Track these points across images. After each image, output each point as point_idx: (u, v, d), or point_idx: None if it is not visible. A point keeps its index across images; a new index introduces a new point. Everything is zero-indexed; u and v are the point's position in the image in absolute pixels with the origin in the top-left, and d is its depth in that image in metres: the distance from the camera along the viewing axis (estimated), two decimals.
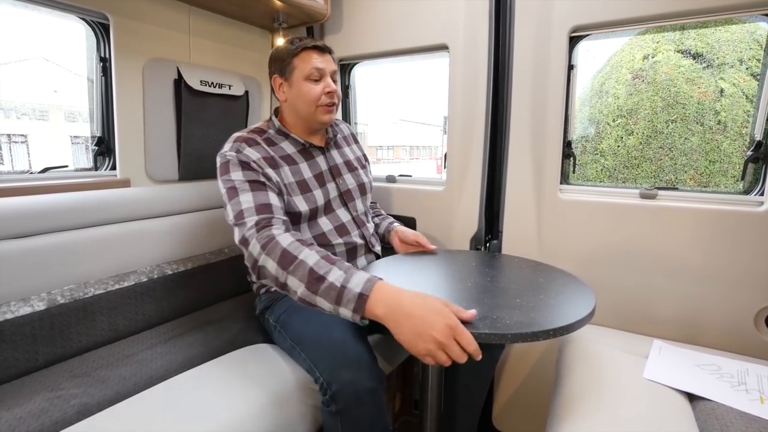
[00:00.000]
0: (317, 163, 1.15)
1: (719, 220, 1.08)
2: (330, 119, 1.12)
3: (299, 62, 1.08)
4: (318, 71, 1.07)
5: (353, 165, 1.26)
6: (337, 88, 1.11)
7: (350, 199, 1.20)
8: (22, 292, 0.99)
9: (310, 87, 1.08)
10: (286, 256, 0.82)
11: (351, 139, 1.34)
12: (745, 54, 2.58)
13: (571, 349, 1.09)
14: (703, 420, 0.79)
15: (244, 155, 1.01)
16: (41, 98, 5.42)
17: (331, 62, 1.11)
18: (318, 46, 1.09)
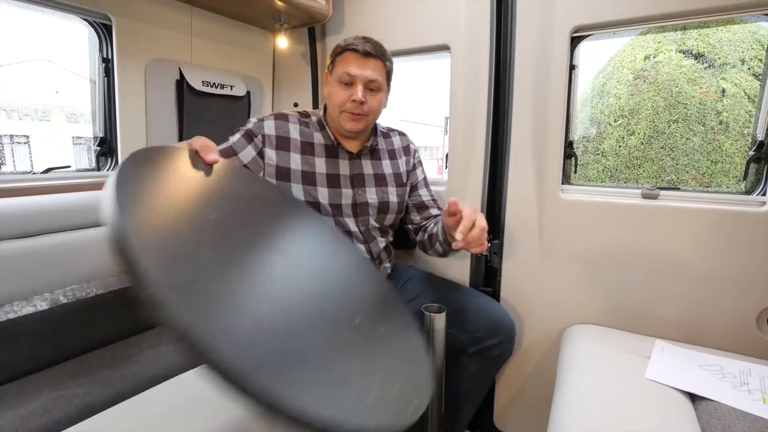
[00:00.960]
0: (338, 165, 1.12)
1: (721, 221, 1.08)
2: (354, 128, 1.07)
3: (339, 62, 1.06)
4: (349, 76, 1.03)
5: (385, 180, 1.18)
6: (367, 98, 1.05)
7: (363, 213, 1.14)
8: (24, 292, 1.00)
9: (338, 90, 1.05)
10: None
11: (400, 153, 1.26)
12: (746, 54, 2.58)
13: (573, 350, 1.09)
14: (706, 420, 0.79)
15: (259, 126, 1.07)
16: (43, 99, 5.43)
17: (372, 69, 1.04)
18: (359, 49, 1.03)
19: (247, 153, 1.05)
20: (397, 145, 1.25)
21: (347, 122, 1.06)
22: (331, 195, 1.10)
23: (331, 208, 1.10)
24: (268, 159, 1.06)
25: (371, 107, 1.06)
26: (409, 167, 1.26)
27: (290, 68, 1.74)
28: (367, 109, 1.05)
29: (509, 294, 1.37)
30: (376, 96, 1.07)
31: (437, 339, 1.01)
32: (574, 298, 1.27)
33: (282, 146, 1.07)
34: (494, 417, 1.46)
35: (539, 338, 1.35)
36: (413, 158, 1.28)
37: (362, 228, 1.15)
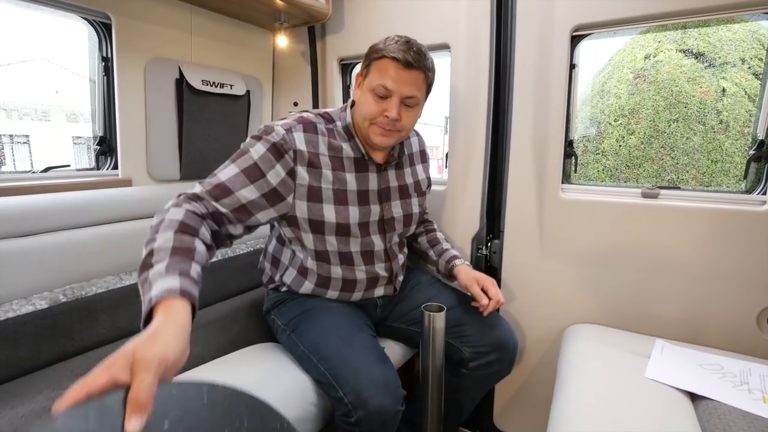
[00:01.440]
0: (368, 179, 1.04)
1: (721, 220, 1.08)
2: (384, 143, 0.98)
3: (375, 69, 0.95)
4: (385, 90, 0.93)
5: (408, 191, 1.13)
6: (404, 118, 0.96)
7: (390, 229, 1.09)
8: (24, 290, 1.00)
9: (370, 101, 0.95)
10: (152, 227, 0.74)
11: (418, 158, 1.20)
12: (747, 53, 2.57)
13: (573, 349, 1.09)
14: (706, 420, 0.79)
15: (289, 139, 0.92)
16: (43, 99, 5.44)
17: (412, 84, 0.94)
18: (401, 59, 0.91)
19: (276, 173, 0.91)
20: (415, 149, 1.20)
21: (377, 136, 0.97)
22: (362, 212, 1.03)
23: (359, 228, 1.03)
24: (300, 179, 0.94)
25: (405, 125, 0.98)
26: (427, 173, 1.23)
27: (290, 67, 1.74)
28: (401, 126, 0.97)
29: (509, 293, 1.37)
30: (412, 112, 0.98)
31: (437, 338, 1.00)
32: (574, 298, 1.27)
33: (313, 163, 0.96)
34: (494, 416, 1.46)
35: (539, 337, 1.35)
36: (428, 162, 1.25)
37: (387, 245, 1.10)
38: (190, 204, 0.80)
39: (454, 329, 1.09)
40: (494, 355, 1.08)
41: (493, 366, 1.09)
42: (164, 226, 0.73)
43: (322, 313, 1.05)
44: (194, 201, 0.82)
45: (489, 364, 1.08)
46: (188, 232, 0.74)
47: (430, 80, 0.99)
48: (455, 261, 1.17)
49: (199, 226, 0.77)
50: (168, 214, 0.76)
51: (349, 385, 0.87)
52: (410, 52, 0.92)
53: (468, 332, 1.09)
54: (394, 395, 0.88)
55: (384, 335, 1.20)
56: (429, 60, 0.97)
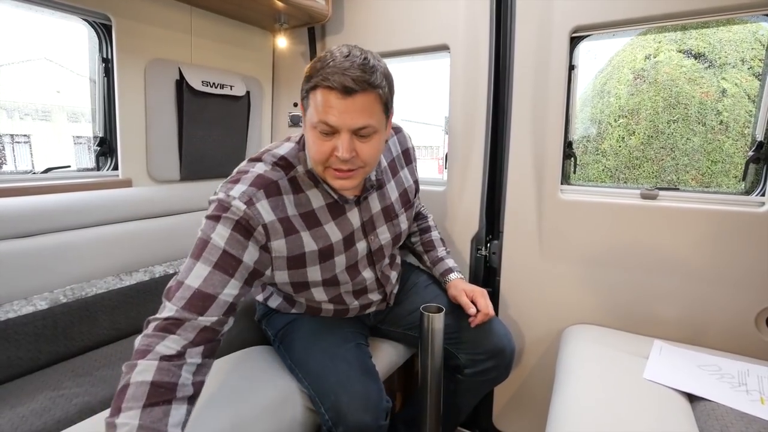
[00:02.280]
0: (348, 220, 0.92)
1: (720, 221, 1.08)
2: (345, 186, 0.83)
3: (312, 99, 0.77)
4: (327, 126, 0.75)
5: (394, 210, 1.01)
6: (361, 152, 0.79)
7: (380, 258, 1.01)
8: (24, 291, 1.00)
9: (315, 140, 0.78)
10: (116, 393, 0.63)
11: (401, 161, 1.06)
12: (747, 54, 2.57)
13: (572, 350, 1.09)
14: (704, 420, 0.79)
15: (254, 213, 0.77)
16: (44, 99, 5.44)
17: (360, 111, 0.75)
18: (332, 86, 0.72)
19: (250, 253, 0.78)
20: (396, 151, 1.06)
21: (334, 180, 0.82)
22: (349, 256, 0.94)
23: (347, 272, 0.96)
24: (276, 252, 0.83)
25: (366, 159, 0.80)
26: (414, 176, 1.11)
27: (290, 68, 1.74)
28: (361, 161, 0.80)
29: (508, 294, 1.37)
30: (370, 142, 0.79)
31: (435, 339, 1.01)
32: (573, 298, 1.28)
33: (289, 230, 0.83)
34: (493, 416, 1.46)
35: (538, 338, 1.35)
36: (414, 162, 1.12)
37: (378, 274, 1.03)
38: (165, 340, 0.66)
39: (450, 335, 1.08)
40: (491, 362, 1.07)
41: (490, 373, 1.08)
42: (129, 397, 0.61)
43: (309, 324, 1.04)
44: (170, 334, 0.67)
45: (485, 371, 1.08)
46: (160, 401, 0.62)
47: (384, 97, 0.78)
48: (449, 276, 1.14)
49: (177, 376, 0.65)
50: (134, 373, 0.63)
51: (329, 401, 0.86)
52: (351, 71, 0.72)
53: (464, 338, 1.08)
54: (375, 410, 0.86)
55: (381, 336, 1.20)
56: (378, 72, 0.76)
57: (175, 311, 0.69)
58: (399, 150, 1.07)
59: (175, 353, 0.67)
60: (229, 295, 0.74)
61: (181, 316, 0.69)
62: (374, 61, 0.77)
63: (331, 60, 0.74)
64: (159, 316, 0.70)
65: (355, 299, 1.04)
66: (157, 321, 0.69)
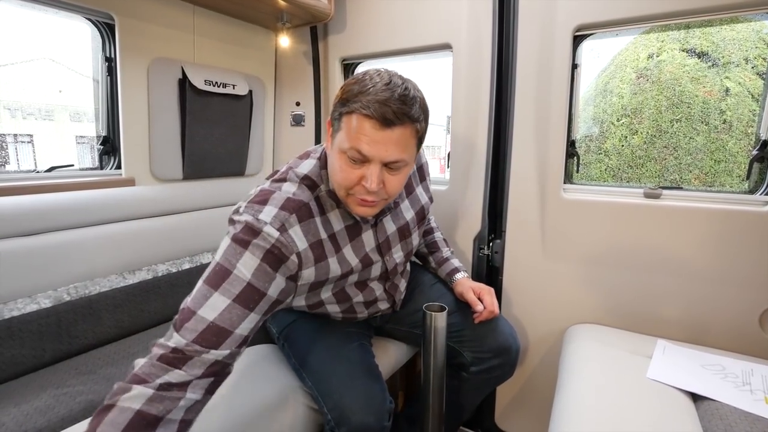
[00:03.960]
0: (362, 241, 0.90)
1: (724, 220, 1.08)
2: (366, 214, 0.81)
3: (346, 125, 0.74)
4: (360, 155, 0.73)
5: (409, 229, 0.99)
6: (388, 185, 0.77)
7: (393, 275, 1.02)
8: (28, 289, 1.00)
9: (342, 165, 0.75)
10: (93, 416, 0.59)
11: (416, 179, 1.04)
12: (750, 53, 2.56)
13: (575, 349, 1.09)
14: (707, 420, 0.79)
15: (288, 240, 0.73)
16: (47, 98, 5.45)
17: (395, 145, 0.72)
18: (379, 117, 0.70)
19: (277, 285, 0.73)
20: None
21: (356, 207, 0.80)
22: (363, 274, 0.93)
23: (357, 287, 0.98)
24: (303, 280, 0.80)
25: (391, 192, 0.78)
26: (429, 193, 1.08)
27: (292, 67, 1.74)
28: (385, 193, 0.78)
29: (511, 293, 1.37)
30: (399, 176, 0.77)
31: (438, 338, 1.00)
32: (576, 298, 1.27)
33: (320, 257, 0.80)
34: (495, 416, 1.46)
35: (541, 337, 1.35)
36: (428, 178, 1.09)
37: (387, 285, 1.04)
38: (169, 372, 0.62)
39: (455, 333, 1.08)
40: (496, 360, 1.07)
41: (495, 371, 1.08)
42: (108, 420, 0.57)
43: (313, 322, 1.04)
44: (176, 365, 0.62)
45: (490, 369, 1.08)
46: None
47: (421, 132, 0.77)
48: (456, 275, 1.14)
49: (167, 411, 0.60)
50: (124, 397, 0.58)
51: (332, 401, 0.86)
52: (391, 102, 0.70)
53: (469, 337, 1.08)
54: (378, 411, 0.86)
55: (385, 335, 1.21)
56: (417, 105, 0.74)
57: (185, 344, 0.63)
58: (414, 167, 1.03)
59: (176, 383, 0.62)
60: (247, 329, 0.69)
61: (191, 349, 0.63)
62: (414, 92, 0.75)
63: (372, 86, 0.71)
64: (166, 343, 0.64)
65: (366, 308, 1.05)
66: (164, 350, 0.63)
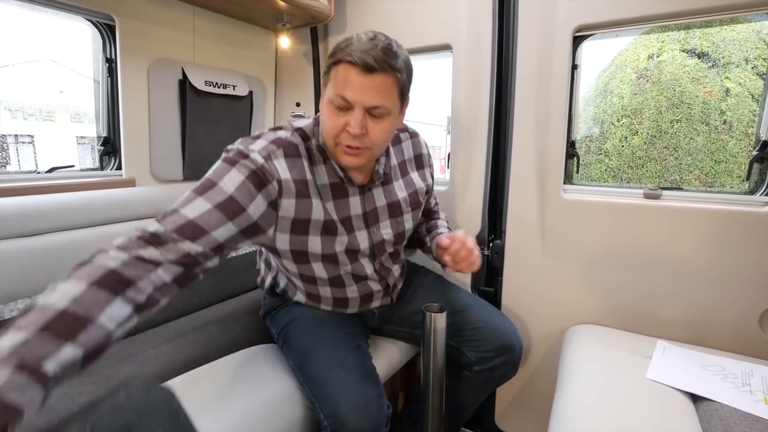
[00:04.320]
0: (348, 204, 0.92)
1: (724, 221, 1.08)
2: (352, 163, 0.84)
3: (333, 75, 0.79)
4: (343, 101, 0.78)
5: (400, 208, 1.00)
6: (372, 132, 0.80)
7: (381, 252, 1.00)
8: (28, 290, 1.00)
9: (330, 114, 0.81)
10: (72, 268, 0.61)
11: (412, 164, 1.06)
12: (751, 53, 2.56)
13: (574, 350, 1.09)
14: (707, 421, 0.79)
15: (271, 167, 0.79)
16: (48, 99, 5.46)
17: (375, 90, 0.77)
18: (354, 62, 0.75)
19: (257, 206, 0.77)
20: (408, 153, 1.06)
21: (343, 156, 0.83)
22: (349, 241, 0.93)
23: (347, 255, 0.95)
24: (283, 211, 0.83)
25: (375, 138, 0.81)
26: (427, 181, 1.09)
27: (292, 68, 1.74)
28: (370, 141, 0.81)
29: (511, 294, 1.37)
30: (382, 124, 0.81)
31: (438, 338, 1.01)
32: (575, 298, 1.27)
33: (302, 192, 0.84)
34: (495, 416, 1.46)
35: (541, 338, 1.35)
36: (428, 168, 1.10)
37: (377, 266, 1.02)
38: (145, 249, 0.65)
39: (458, 332, 1.08)
40: (499, 359, 1.07)
41: (498, 370, 1.08)
42: (82, 272, 0.59)
43: (310, 323, 1.03)
44: (152, 245, 0.66)
45: (494, 368, 1.08)
46: (110, 287, 0.59)
47: (402, 82, 0.81)
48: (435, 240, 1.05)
49: (138, 278, 0.62)
50: (100, 256, 0.62)
51: (328, 407, 0.86)
52: (374, 51, 0.75)
53: (473, 336, 1.08)
54: (375, 417, 0.86)
55: (385, 335, 1.21)
56: (400, 58, 0.79)
57: (163, 231, 0.68)
58: (412, 153, 1.07)
59: (149, 259, 0.65)
60: (222, 236, 0.73)
61: (168, 236, 0.67)
62: (397, 48, 0.80)
63: (357, 41, 0.78)
64: (146, 228, 0.68)
65: (355, 283, 1.01)
66: (143, 233, 0.67)
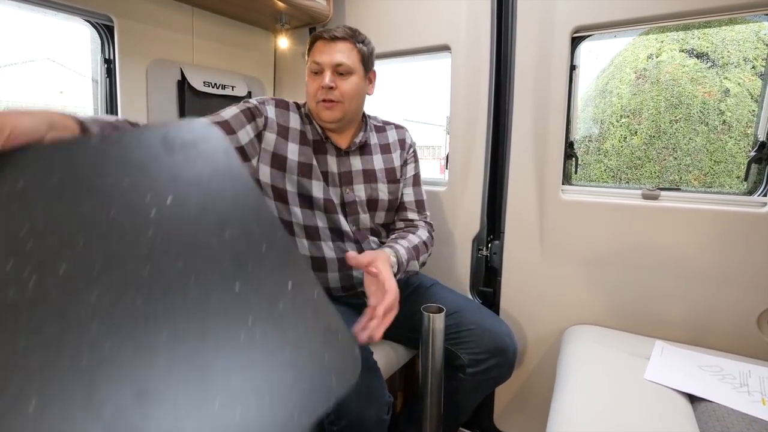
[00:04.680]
0: (327, 162, 1.07)
1: (722, 221, 1.08)
2: (330, 117, 1.03)
3: (310, 54, 1.04)
4: (317, 65, 1.01)
5: (375, 176, 1.12)
6: (341, 86, 1.01)
7: (353, 212, 1.09)
8: None
9: (310, 81, 1.04)
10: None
11: (395, 146, 1.19)
12: (750, 54, 2.56)
13: (573, 350, 1.09)
14: (704, 421, 0.79)
15: (262, 108, 1.00)
16: (47, 99, 5.45)
17: (341, 53, 1.00)
18: (323, 35, 1.01)
19: (246, 133, 0.97)
20: (392, 138, 1.19)
21: (322, 111, 1.03)
22: (324, 190, 1.05)
23: (324, 202, 1.05)
24: (265, 143, 1.00)
25: (344, 92, 1.01)
26: (406, 165, 1.20)
27: (291, 69, 1.74)
28: (339, 95, 1.01)
29: (509, 294, 1.37)
30: (348, 80, 1.02)
31: (436, 339, 1.01)
32: (574, 299, 1.27)
33: (282, 133, 1.02)
34: (494, 416, 1.46)
35: (540, 338, 1.35)
36: (407, 153, 1.21)
37: (353, 227, 1.09)
38: None
39: (452, 335, 1.08)
40: (492, 361, 1.07)
41: (492, 372, 1.08)
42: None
43: None
44: None
45: (487, 370, 1.08)
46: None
47: (362, 50, 1.03)
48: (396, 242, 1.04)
49: None
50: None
51: None
52: (338, 29, 1.00)
53: (466, 338, 1.08)
54: (377, 405, 0.88)
55: (383, 337, 1.20)
56: (361, 35, 1.04)
57: None
58: (396, 138, 1.21)
59: None
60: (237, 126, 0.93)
61: None
62: (362, 35, 1.05)
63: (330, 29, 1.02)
64: None
65: (331, 241, 1.06)
66: None
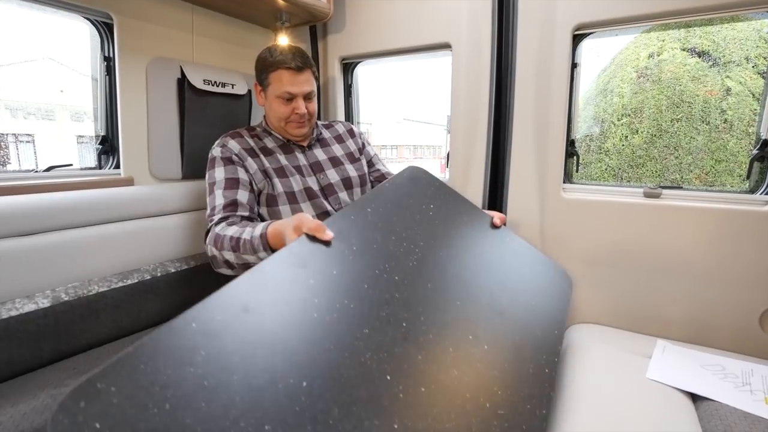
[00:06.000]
0: (296, 157, 1.21)
1: (724, 220, 1.07)
2: (301, 133, 1.19)
3: (273, 80, 1.13)
4: (289, 95, 1.12)
5: (339, 160, 1.28)
6: (309, 109, 1.16)
7: (332, 193, 1.22)
8: (26, 289, 1.00)
9: (279, 105, 1.15)
10: (217, 239, 0.99)
11: (346, 136, 1.37)
12: (751, 52, 2.56)
13: (575, 349, 1.09)
14: (707, 420, 0.78)
15: (228, 149, 1.14)
16: (47, 98, 5.46)
17: (307, 83, 1.14)
18: (292, 66, 1.11)
19: (243, 171, 1.13)
20: (342, 130, 1.37)
21: (294, 129, 1.18)
22: (302, 182, 1.18)
23: (306, 192, 1.17)
24: (250, 169, 1.14)
25: (312, 113, 1.19)
26: (358, 145, 1.37)
27: None
28: (309, 115, 1.18)
29: None
30: (312, 101, 1.19)
31: None
32: (576, 297, 1.27)
33: (251, 155, 1.16)
34: None
35: None
36: (360, 138, 1.39)
37: (336, 207, 1.22)
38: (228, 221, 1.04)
39: None
40: None
41: None
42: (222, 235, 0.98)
43: None
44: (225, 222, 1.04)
45: None
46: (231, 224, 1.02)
47: (316, 74, 1.20)
48: None
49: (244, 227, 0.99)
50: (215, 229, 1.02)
51: None
52: (298, 58, 1.12)
53: None
54: None
55: None
56: (309, 58, 1.17)
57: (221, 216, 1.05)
58: (344, 129, 1.38)
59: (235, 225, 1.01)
60: (244, 197, 1.10)
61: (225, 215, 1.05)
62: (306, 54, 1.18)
63: (279, 53, 1.13)
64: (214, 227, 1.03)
65: None
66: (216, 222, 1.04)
